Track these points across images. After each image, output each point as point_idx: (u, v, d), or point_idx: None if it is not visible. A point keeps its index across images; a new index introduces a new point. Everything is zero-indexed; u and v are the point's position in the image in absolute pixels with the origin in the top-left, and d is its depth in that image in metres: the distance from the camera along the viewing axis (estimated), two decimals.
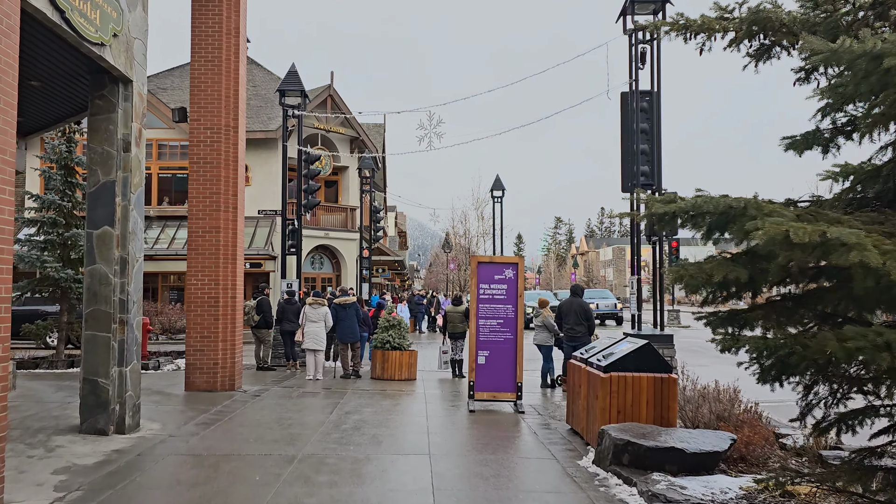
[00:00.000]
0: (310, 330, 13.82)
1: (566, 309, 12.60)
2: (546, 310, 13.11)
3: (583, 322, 12.41)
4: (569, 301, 12.74)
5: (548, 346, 13.05)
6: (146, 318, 15.70)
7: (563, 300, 12.97)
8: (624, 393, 7.21)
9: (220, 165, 11.38)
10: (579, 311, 12.47)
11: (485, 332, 10.42)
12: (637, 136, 11.90)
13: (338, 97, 32.28)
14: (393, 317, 14.28)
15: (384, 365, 13.82)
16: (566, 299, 12.92)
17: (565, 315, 12.55)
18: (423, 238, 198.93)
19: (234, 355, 11.43)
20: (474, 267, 10.47)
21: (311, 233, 31.10)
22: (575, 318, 12.44)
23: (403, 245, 72.28)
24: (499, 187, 33.10)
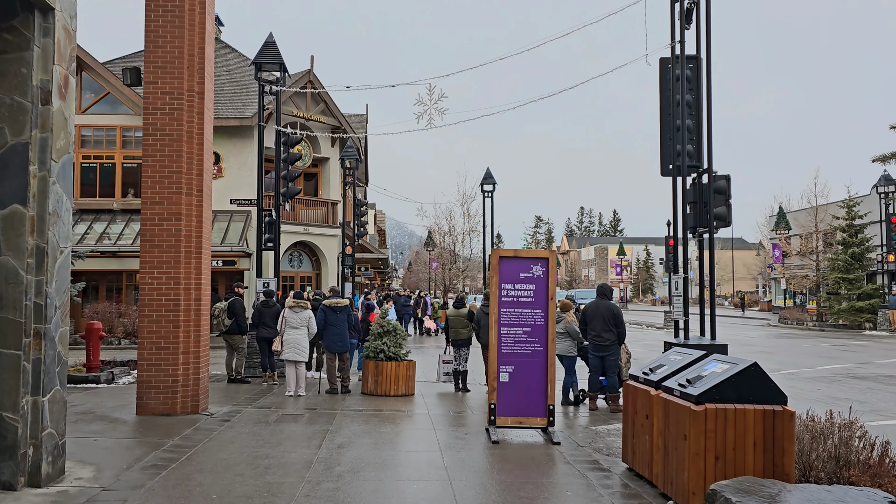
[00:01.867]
0: (290, 338, 11.79)
1: (592, 313, 10.76)
2: (569, 314, 11.25)
3: (611, 328, 10.57)
4: (594, 304, 10.89)
5: (570, 357, 11.17)
6: (98, 322, 13.55)
7: (589, 303, 11.11)
8: (724, 432, 5.32)
9: (183, 138, 9.32)
10: (607, 315, 10.62)
11: (508, 343, 8.49)
12: (683, 109, 10.04)
13: (318, 84, 30.15)
14: (387, 322, 12.29)
15: (377, 378, 11.83)
16: (591, 302, 11.07)
17: (591, 320, 10.73)
18: (401, 237, 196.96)
19: (198, 370, 9.37)
20: (495, 263, 8.53)
21: (289, 228, 28.97)
22: (602, 323, 10.59)
23: (382, 244, 70.10)
24: (489, 181, 31.22)
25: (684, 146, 9.98)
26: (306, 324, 11.88)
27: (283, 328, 11.90)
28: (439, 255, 46.96)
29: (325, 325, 12.23)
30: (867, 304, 33.47)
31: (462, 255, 45.64)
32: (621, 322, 10.58)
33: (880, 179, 32.76)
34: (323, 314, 12.25)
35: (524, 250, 8.03)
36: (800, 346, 24.09)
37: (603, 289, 11.10)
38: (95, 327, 13.23)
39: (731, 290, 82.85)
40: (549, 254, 8.62)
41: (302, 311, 11.92)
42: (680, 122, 10.12)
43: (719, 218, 9.83)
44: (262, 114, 15.28)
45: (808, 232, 40.77)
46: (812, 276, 39.52)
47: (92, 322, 13.44)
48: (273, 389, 12.41)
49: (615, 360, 10.57)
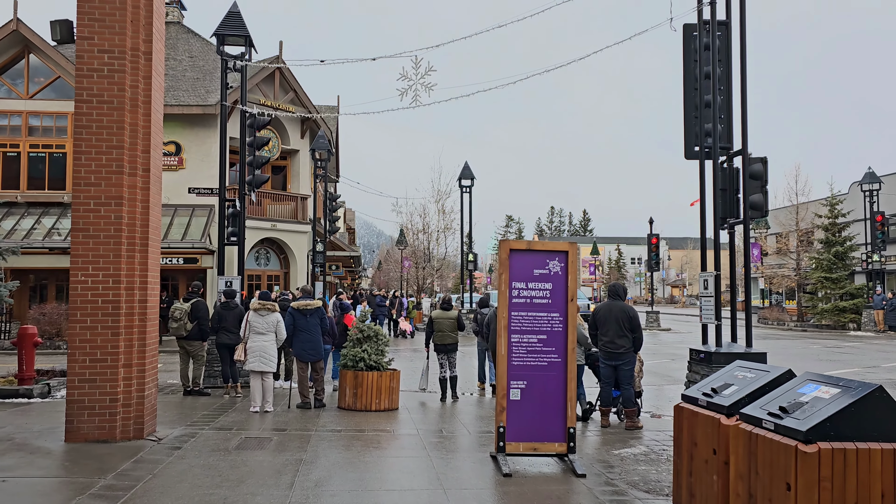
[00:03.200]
0: (255, 345, 10.22)
1: (604, 316, 9.41)
2: (577, 318, 9.86)
3: (626, 334, 9.23)
4: (607, 306, 9.54)
5: (578, 366, 9.80)
6: (32, 326, 11.80)
7: (600, 305, 9.75)
8: (843, 481, 3.96)
9: (125, 107, 7.72)
10: (622, 318, 9.28)
11: (520, 354, 7.06)
12: (714, 82, 8.73)
13: (288, 72, 28.44)
14: (367, 326, 10.78)
15: (356, 391, 10.32)
16: (603, 304, 9.71)
17: (603, 324, 9.38)
18: (370, 237, 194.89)
19: (143, 386, 7.78)
20: (504, 257, 7.10)
21: (255, 224, 27.21)
22: (616, 328, 9.25)
23: (352, 242, 68.36)
24: (468, 175, 29.90)
25: (715, 124, 8.67)
26: (274, 329, 10.33)
27: (247, 334, 10.33)
28: (412, 253, 45.45)
29: (294, 330, 10.69)
30: (851, 304, 32.85)
31: (436, 254, 44.16)
32: (638, 327, 9.24)
33: (864, 177, 32.15)
34: (291, 318, 10.71)
35: (539, 242, 6.65)
36: (791, 347, 23.13)
37: (615, 289, 9.72)
38: (29, 332, 11.48)
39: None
40: (568, 246, 7.22)
41: (269, 315, 10.36)
42: (709, 98, 8.82)
43: (755, 207, 8.55)
44: (226, 93, 13.65)
45: (788, 230, 40.19)
46: (793, 275, 38.91)
47: (25, 326, 11.69)
48: (236, 404, 10.82)
49: (630, 369, 9.25)
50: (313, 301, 10.97)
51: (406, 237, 46.35)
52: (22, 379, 11.25)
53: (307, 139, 29.92)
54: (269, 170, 30.14)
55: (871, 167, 32.00)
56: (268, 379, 10.28)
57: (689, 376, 8.61)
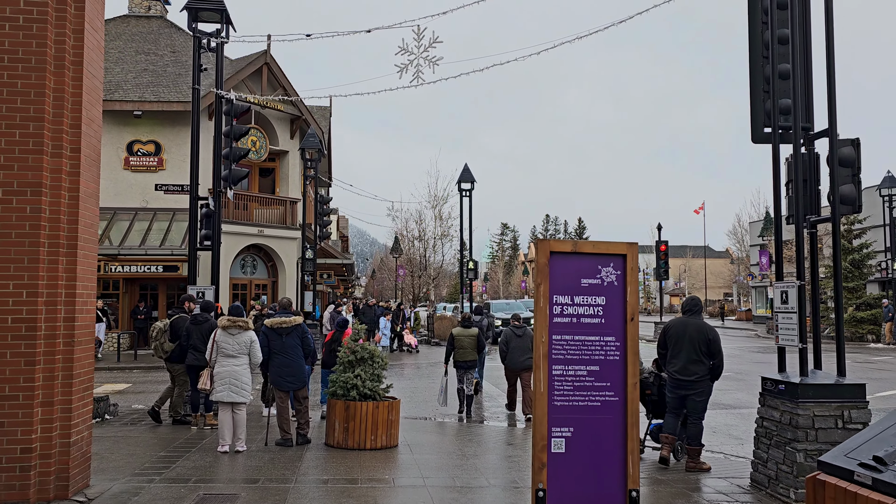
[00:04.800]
0: (224, 370, 8.44)
1: (676, 336, 7.87)
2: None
3: (702, 359, 7.62)
4: (681, 323, 7.97)
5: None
6: None
7: (672, 321, 8.13)
8: None
9: (46, 68, 5.97)
10: (698, 340, 7.70)
11: (565, 391, 5.30)
12: (794, 46, 7.03)
13: (276, 67, 26.75)
14: (361, 347, 8.99)
15: (348, 425, 8.54)
16: (676, 320, 8.12)
17: (673, 345, 7.83)
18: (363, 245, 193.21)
19: (68, 430, 5.98)
20: (543, 262, 5.35)
21: (241, 229, 25.46)
22: (690, 351, 7.70)
23: (346, 251, 66.66)
24: (468, 178, 28.14)
25: (796, 98, 6.95)
26: (247, 350, 8.53)
27: (214, 356, 8.54)
28: (407, 261, 43.69)
29: (269, 353, 8.89)
30: (869, 315, 31.26)
31: (433, 262, 42.39)
32: (718, 351, 7.63)
33: (884, 181, 30.59)
34: (265, 339, 8.90)
35: (588, 242, 4.88)
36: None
37: (692, 304, 8.04)
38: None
39: (702, 300, 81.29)
40: (627, 248, 5.47)
41: (240, 334, 8.57)
42: (786, 67, 7.11)
43: (846, 201, 6.84)
44: (198, 75, 11.89)
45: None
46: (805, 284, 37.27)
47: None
48: (204, 439, 9.03)
49: (703, 401, 7.66)
50: (291, 318, 9.14)
51: (401, 245, 44.60)
52: None
53: (297, 140, 28.19)
54: (257, 172, 28.42)
55: (890, 171, 30.48)
56: (240, 412, 8.49)
57: (764, 412, 6.90)
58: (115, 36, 28.75)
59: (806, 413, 6.45)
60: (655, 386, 8.48)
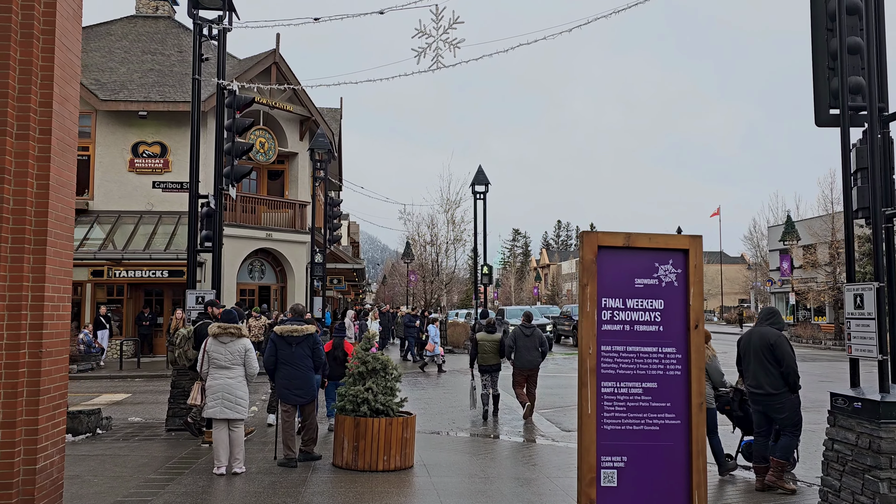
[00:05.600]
0: (215, 383, 7.62)
1: (744, 347, 7.31)
2: (708, 347, 7.55)
3: (770, 369, 7.02)
4: (748, 334, 7.39)
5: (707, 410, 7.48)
6: None
7: (746, 332, 7.50)
8: None
9: (11, 36, 5.18)
10: (762, 349, 7.10)
11: (616, 413, 4.44)
12: (869, 15, 6.16)
13: (285, 66, 26.05)
14: (372, 356, 8.15)
15: (358, 443, 7.69)
16: (749, 331, 7.46)
17: (743, 357, 7.30)
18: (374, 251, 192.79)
19: (34, 456, 5.17)
20: (590, 258, 4.49)
21: (249, 233, 24.75)
22: (757, 362, 7.09)
23: (357, 256, 66.00)
24: (482, 181, 27.28)
25: (871, 75, 6.07)
26: (241, 360, 7.70)
27: (206, 368, 7.73)
28: (419, 266, 42.85)
29: (277, 363, 8.10)
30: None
31: (445, 267, 41.50)
32: (783, 357, 6.93)
33: None
34: (273, 347, 8.12)
35: (643, 235, 3.96)
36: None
37: (765, 313, 7.40)
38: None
39: (717, 305, 79.92)
40: (689, 242, 4.59)
41: (233, 342, 7.74)
42: (856, 41, 6.24)
43: None
44: (199, 65, 11.13)
45: (822, 241, 37.53)
46: (829, 289, 36.18)
47: None
48: (201, 458, 8.21)
49: (787, 416, 6.95)
50: (303, 326, 8.33)
51: (412, 250, 43.80)
52: None
53: (306, 142, 27.45)
54: (266, 174, 27.72)
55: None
56: (237, 429, 7.67)
57: (835, 434, 5.99)
58: (122, 36, 28.20)
59: (890, 436, 5.54)
60: (736, 402, 7.83)
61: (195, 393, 8.33)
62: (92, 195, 23.77)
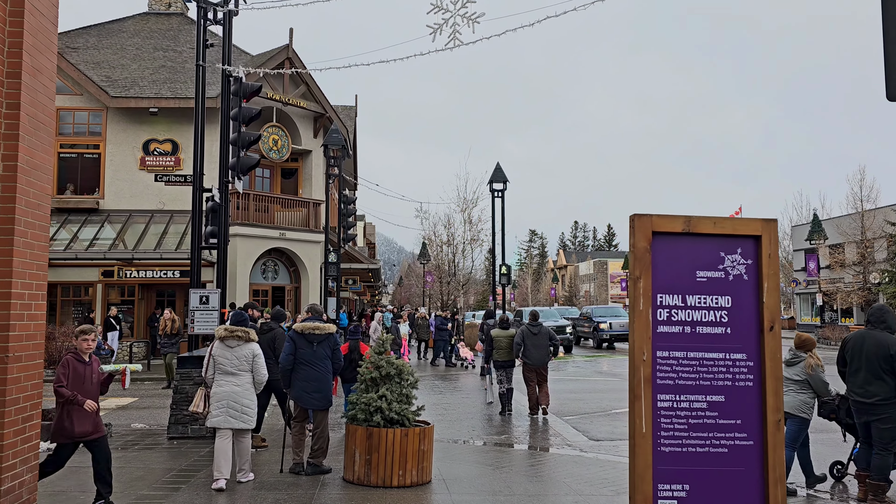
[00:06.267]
0: (220, 390, 6.99)
1: (853, 350, 6.67)
2: (813, 355, 6.91)
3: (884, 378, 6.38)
4: (859, 336, 6.73)
5: (800, 420, 6.85)
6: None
7: (852, 335, 6.85)
8: None
9: None
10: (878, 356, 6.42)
11: (676, 432, 3.70)
12: None
13: (298, 62, 25.49)
14: (386, 360, 7.46)
15: (370, 456, 7.00)
16: (855, 332, 6.82)
17: (851, 361, 6.69)
18: (390, 253, 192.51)
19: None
20: (643, 246, 3.76)
21: (262, 232, 24.19)
22: (869, 368, 6.49)
23: (373, 257, 65.49)
24: (500, 178, 26.45)
25: None
26: (249, 366, 7.07)
27: (210, 373, 7.09)
28: (436, 267, 42.19)
29: (295, 364, 7.48)
30: None
31: (462, 268, 40.83)
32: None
33: None
34: (291, 345, 7.50)
35: (706, 219, 3.19)
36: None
37: (877, 313, 6.68)
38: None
39: None
40: (761, 226, 3.85)
41: (240, 346, 7.12)
42: None
43: None
44: (203, 51, 10.53)
45: (850, 241, 36.39)
46: (858, 290, 35.03)
47: None
48: (201, 471, 7.56)
49: (890, 428, 6.33)
50: (323, 326, 7.68)
51: (429, 250, 43.18)
52: None
53: (320, 139, 26.87)
54: (279, 173, 27.17)
55: None
56: (244, 438, 7.04)
57: None
58: (134, 33, 27.81)
59: None
60: (843, 409, 7.21)
61: (198, 400, 7.70)
62: (102, 194, 23.34)
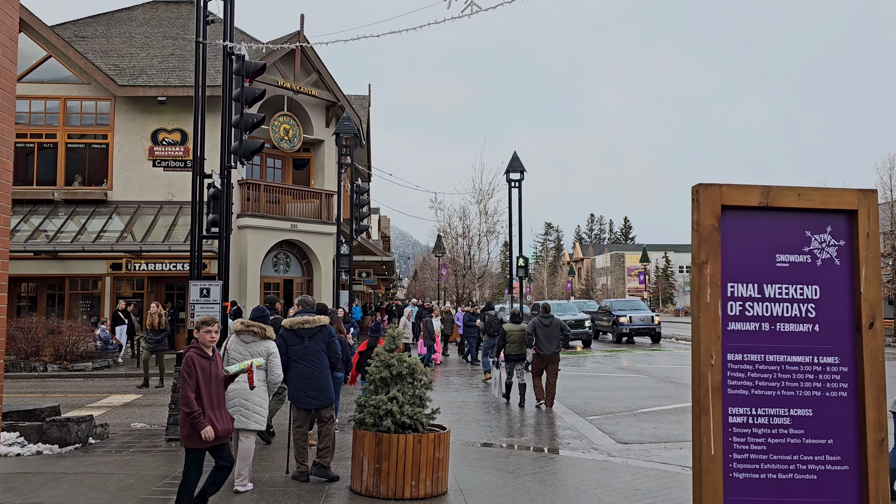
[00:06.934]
0: (233, 387, 6.45)
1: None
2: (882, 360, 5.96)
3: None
4: None
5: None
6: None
7: None
8: None
9: None
10: None
11: (752, 455, 2.98)
12: None
13: (310, 50, 24.86)
14: (397, 359, 6.78)
15: (380, 465, 6.34)
16: None
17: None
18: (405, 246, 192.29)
19: None
20: (709, 224, 3.03)
21: (273, 223, 23.63)
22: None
23: (388, 250, 64.93)
24: (517, 168, 25.69)
25: None
26: (263, 364, 6.51)
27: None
28: (451, 260, 41.46)
29: (288, 361, 6.90)
30: None
31: (478, 261, 40.08)
32: None
33: None
34: (282, 343, 6.92)
35: (787, 189, 2.38)
36: None
37: None
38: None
39: None
40: (856, 198, 3.10)
41: (255, 343, 6.63)
42: None
43: None
44: (204, 28, 9.87)
45: (881, 231, 35.21)
46: (888, 282, 33.87)
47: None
48: None
49: None
50: (315, 316, 7.09)
51: (444, 243, 42.48)
52: None
53: (333, 128, 26.22)
54: (290, 163, 26.58)
55: None
56: (246, 439, 6.46)
57: None
58: (143, 21, 27.29)
59: None
60: None
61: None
62: (111, 185, 22.86)
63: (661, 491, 6.97)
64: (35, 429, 8.58)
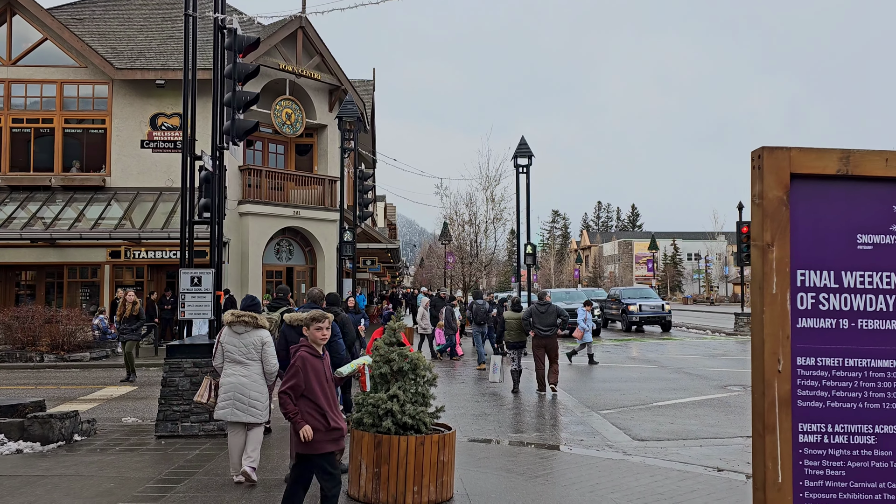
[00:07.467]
0: (227, 380, 6.10)
1: None
2: None
3: None
4: None
5: None
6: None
7: None
8: None
9: None
10: None
11: (826, 480, 2.41)
12: None
13: (312, 31, 24.22)
14: (399, 353, 6.22)
15: (380, 469, 5.80)
16: None
17: None
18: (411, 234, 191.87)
19: None
20: (774, 197, 2.46)
21: (275, 210, 23.13)
22: None
23: (393, 238, 64.37)
24: (525, 153, 25.03)
25: None
26: (257, 355, 6.11)
27: (219, 361, 6.17)
28: (458, 247, 40.90)
29: (287, 357, 6.44)
30: None
31: (485, 248, 39.47)
32: None
33: None
34: (283, 340, 6.51)
35: (871, 154, 1.73)
36: None
37: None
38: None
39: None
40: None
41: (248, 333, 6.18)
42: None
43: None
44: (195, 0, 9.28)
45: None
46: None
47: None
48: (182, 482, 6.43)
49: None
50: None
51: (450, 230, 41.90)
52: None
53: (336, 113, 25.64)
54: (293, 149, 26.02)
55: None
56: (255, 432, 6.15)
57: None
58: (141, 3, 26.69)
59: None
60: None
61: (203, 389, 6.79)
62: (109, 171, 22.36)
63: (684, 495, 6.43)
64: (16, 426, 8.09)
